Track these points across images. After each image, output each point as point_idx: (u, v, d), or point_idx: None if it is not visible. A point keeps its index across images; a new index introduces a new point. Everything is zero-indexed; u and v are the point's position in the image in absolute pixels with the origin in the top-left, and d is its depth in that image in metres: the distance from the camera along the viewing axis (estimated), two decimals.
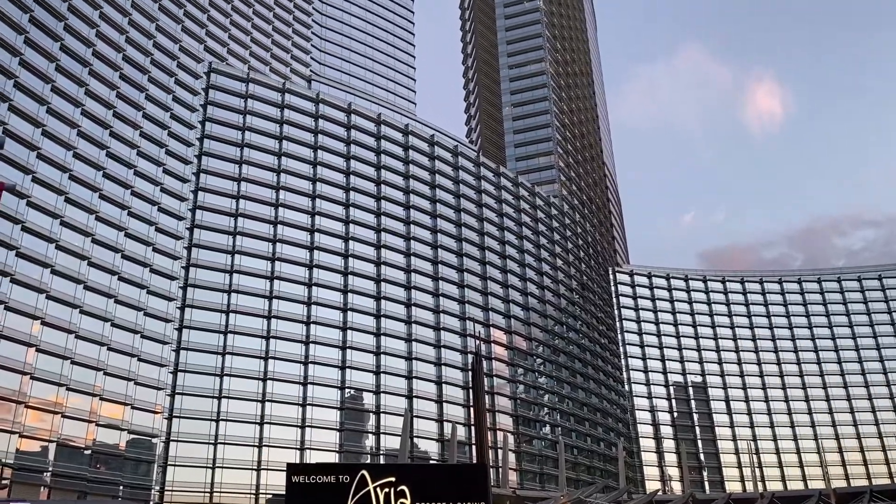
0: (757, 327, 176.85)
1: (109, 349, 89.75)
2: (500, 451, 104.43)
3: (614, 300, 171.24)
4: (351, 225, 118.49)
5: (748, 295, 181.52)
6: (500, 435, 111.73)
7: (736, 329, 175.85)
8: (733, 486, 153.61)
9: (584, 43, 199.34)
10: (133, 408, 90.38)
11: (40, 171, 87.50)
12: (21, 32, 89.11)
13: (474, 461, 77.57)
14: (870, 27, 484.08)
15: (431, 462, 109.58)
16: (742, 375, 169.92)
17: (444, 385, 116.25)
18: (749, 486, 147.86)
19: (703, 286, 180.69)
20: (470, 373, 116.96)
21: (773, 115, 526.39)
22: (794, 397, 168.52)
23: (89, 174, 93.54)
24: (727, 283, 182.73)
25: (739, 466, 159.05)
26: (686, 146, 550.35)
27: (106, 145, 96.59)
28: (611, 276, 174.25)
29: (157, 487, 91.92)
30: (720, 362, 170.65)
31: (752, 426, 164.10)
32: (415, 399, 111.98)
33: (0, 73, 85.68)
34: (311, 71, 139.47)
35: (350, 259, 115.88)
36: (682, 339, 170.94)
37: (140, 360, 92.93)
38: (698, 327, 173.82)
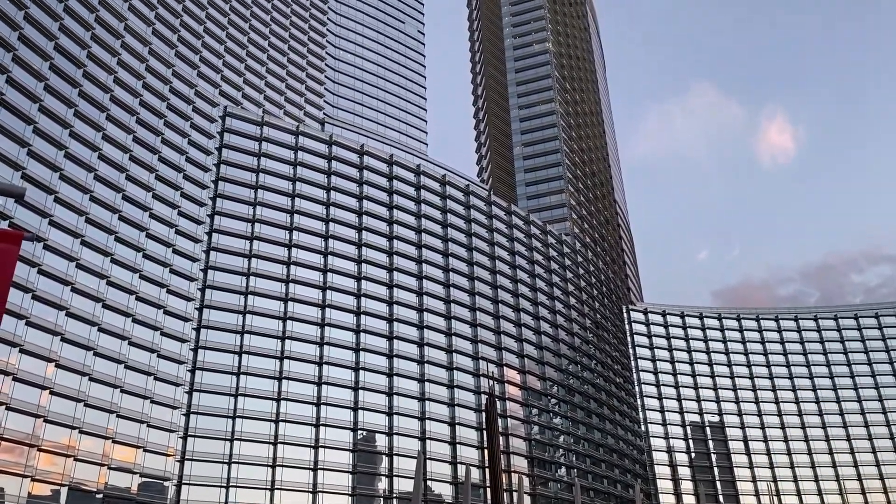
0: (774, 365, 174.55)
1: (123, 391, 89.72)
2: (514, 494, 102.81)
3: (629, 339, 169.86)
4: (364, 265, 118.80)
5: (764, 332, 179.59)
6: (514, 477, 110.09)
7: (752, 367, 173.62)
8: None
9: (594, 83, 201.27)
10: (145, 450, 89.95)
11: (57, 215, 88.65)
12: (41, 80, 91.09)
13: None
14: (881, 61, 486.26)
15: None
16: (760, 415, 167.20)
17: (457, 426, 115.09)
18: None
19: (719, 324, 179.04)
20: (484, 413, 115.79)
21: (785, 151, 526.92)
22: (813, 437, 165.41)
23: (105, 217, 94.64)
24: (742, 320, 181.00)
25: None
26: (699, 183, 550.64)
27: (122, 188, 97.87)
28: (625, 315, 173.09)
29: None
30: (737, 401, 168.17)
31: (771, 467, 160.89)
32: (428, 441, 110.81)
33: (19, 119, 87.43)
34: (324, 114, 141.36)
35: (363, 299, 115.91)
36: (698, 377, 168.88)
37: (153, 402, 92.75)
38: (714, 366, 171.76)
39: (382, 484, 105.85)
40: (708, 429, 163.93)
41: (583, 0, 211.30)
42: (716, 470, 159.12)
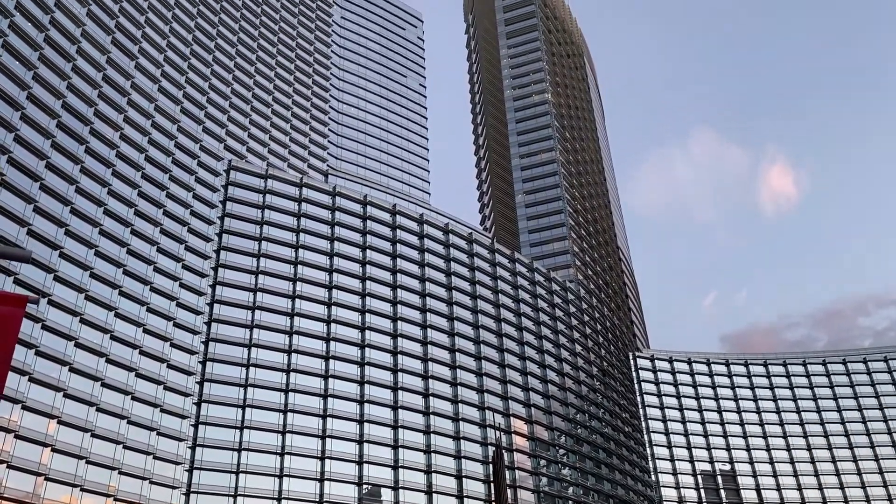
0: (784, 411, 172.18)
1: (125, 447, 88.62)
2: None
3: (636, 386, 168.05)
4: (367, 315, 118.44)
5: (772, 378, 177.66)
6: None
7: (762, 413, 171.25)
8: None
9: (593, 132, 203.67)
10: None
11: (62, 270, 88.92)
12: (48, 137, 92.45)
13: None
14: (879, 101, 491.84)
15: None
16: (772, 462, 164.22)
17: (464, 479, 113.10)
18: None
19: (726, 370, 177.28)
20: (491, 466, 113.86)
21: (787, 195, 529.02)
22: (827, 484, 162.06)
23: (110, 271, 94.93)
24: (750, 365, 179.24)
25: None
26: (702, 228, 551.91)
27: (127, 243, 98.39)
28: (631, 362, 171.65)
29: None
30: (748, 448, 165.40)
31: None
32: (435, 494, 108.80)
33: (26, 176, 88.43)
34: (327, 165, 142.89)
35: (367, 349, 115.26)
36: (707, 425, 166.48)
37: (155, 458, 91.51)
38: (723, 412, 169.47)
39: None
40: (719, 477, 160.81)
41: (580, 52, 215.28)
42: None
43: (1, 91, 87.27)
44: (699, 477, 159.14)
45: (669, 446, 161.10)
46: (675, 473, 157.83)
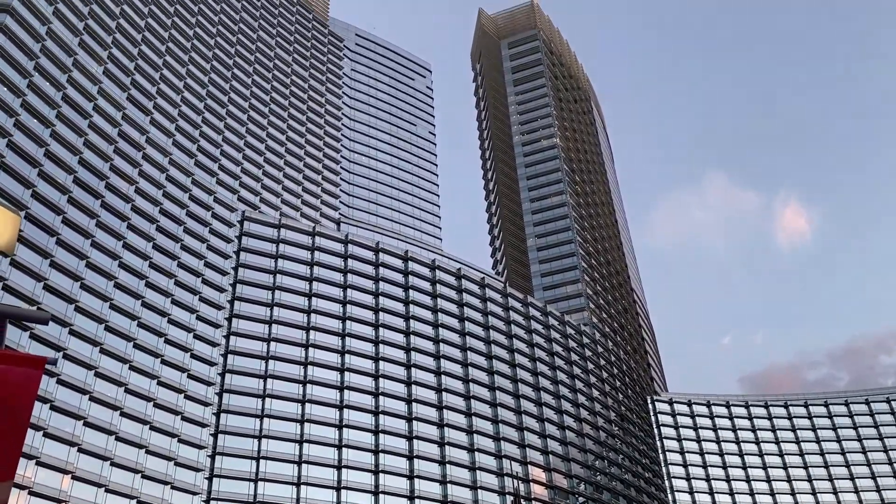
0: (807, 454, 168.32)
1: (139, 502, 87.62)
2: None
3: (655, 430, 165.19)
4: (381, 362, 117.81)
5: (794, 419, 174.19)
6: None
7: (785, 457, 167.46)
8: None
9: (603, 175, 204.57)
10: None
11: (77, 324, 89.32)
12: (64, 192, 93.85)
13: None
14: (890, 137, 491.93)
15: None
16: None
17: None
18: None
19: (747, 412, 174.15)
20: None
21: (802, 234, 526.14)
22: None
23: (124, 324, 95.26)
24: (771, 407, 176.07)
25: None
26: (717, 269, 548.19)
27: (141, 296, 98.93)
28: (650, 405, 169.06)
29: None
30: (772, 493, 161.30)
31: None
32: None
33: (43, 231, 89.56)
34: (339, 213, 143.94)
35: (381, 398, 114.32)
36: (729, 469, 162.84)
37: None
38: (745, 456, 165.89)
39: None
40: None
41: (587, 97, 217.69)
42: None
43: (19, 148, 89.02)
44: None
45: (691, 492, 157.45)
46: None
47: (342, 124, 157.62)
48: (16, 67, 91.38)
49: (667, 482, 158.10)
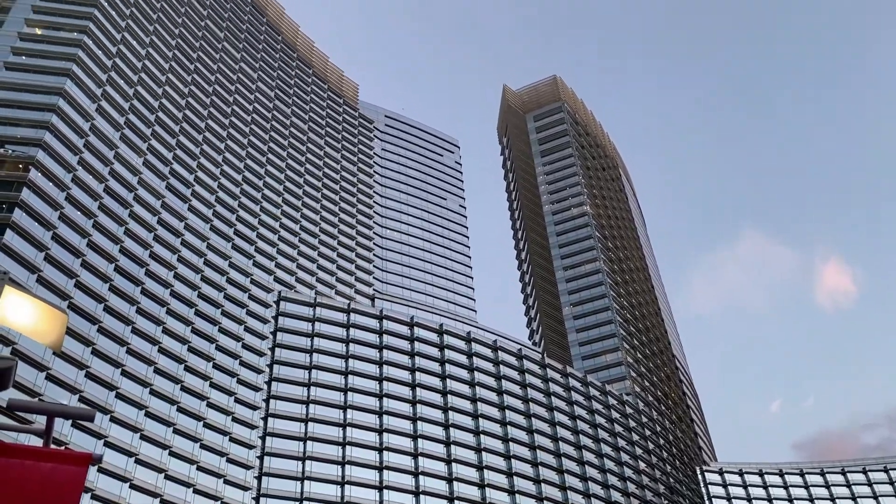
0: None
1: None
2: None
3: (706, 502, 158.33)
4: (420, 440, 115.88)
5: (853, 487, 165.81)
6: None
7: None
8: None
9: (636, 240, 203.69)
10: None
11: (118, 411, 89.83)
12: (106, 281, 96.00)
13: None
14: None
15: None
16: None
17: None
18: None
19: (802, 480, 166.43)
20: None
21: (845, 292, 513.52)
22: None
23: (164, 409, 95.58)
24: (827, 474, 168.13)
25: None
26: (760, 331, 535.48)
27: (181, 380, 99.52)
28: (699, 476, 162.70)
29: None
30: None
31: None
32: None
33: (85, 319, 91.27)
34: (373, 289, 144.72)
35: (420, 477, 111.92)
36: None
37: None
38: None
39: None
40: None
41: (615, 164, 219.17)
42: None
43: (63, 240, 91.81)
44: None
45: None
46: None
47: (374, 202, 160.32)
48: (60, 163, 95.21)
49: None
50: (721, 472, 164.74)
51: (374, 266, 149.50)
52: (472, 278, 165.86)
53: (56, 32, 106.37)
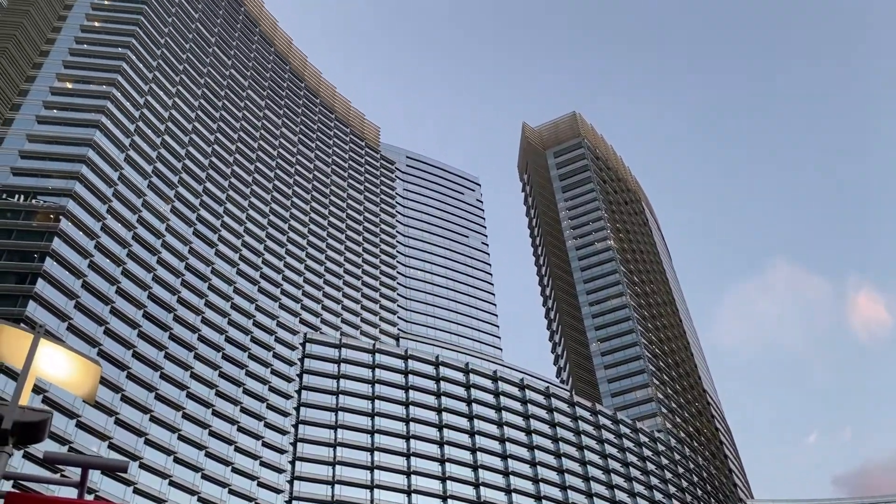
0: None
1: None
2: None
3: None
4: (448, 482, 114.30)
5: None
6: None
7: None
8: None
9: (661, 273, 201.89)
10: None
11: (147, 457, 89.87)
12: (134, 327, 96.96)
13: None
14: None
15: None
16: None
17: None
18: None
19: None
20: None
21: (880, 321, 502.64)
22: None
23: (192, 454, 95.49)
24: None
25: None
26: (792, 363, 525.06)
27: (208, 424, 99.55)
28: None
29: None
30: None
31: None
32: None
33: (114, 366, 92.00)
34: (398, 329, 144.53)
35: None
36: None
37: None
38: None
39: None
40: None
41: (637, 198, 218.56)
42: None
43: (93, 288, 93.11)
44: None
45: None
46: None
47: (397, 241, 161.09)
48: (90, 212, 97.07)
49: None
50: None
51: (398, 306, 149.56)
52: (496, 316, 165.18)
53: (86, 86, 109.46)
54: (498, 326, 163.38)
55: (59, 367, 10.55)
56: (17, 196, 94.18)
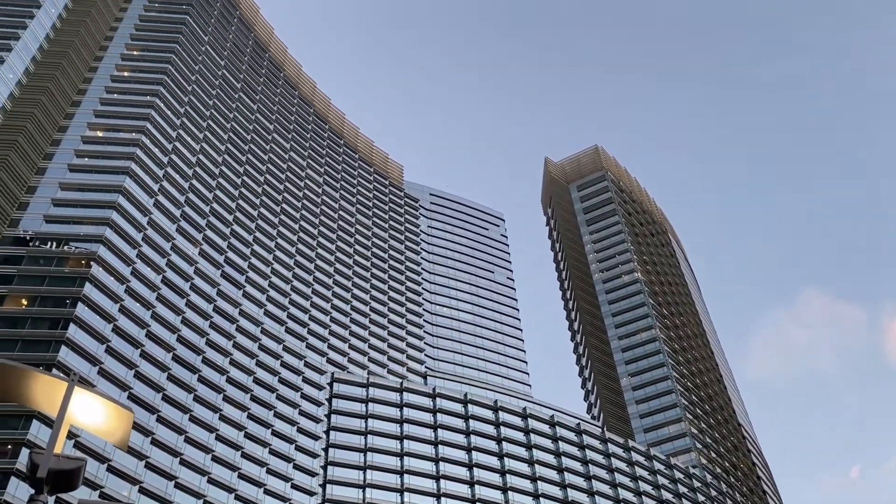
0: None
1: None
2: None
3: None
4: None
5: None
6: None
7: None
8: None
9: (691, 305, 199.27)
10: None
11: (177, 500, 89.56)
12: (164, 370, 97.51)
13: None
14: None
15: None
16: None
17: None
18: None
19: None
20: None
21: None
22: None
23: (221, 498, 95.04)
24: None
25: None
26: (829, 394, 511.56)
27: (237, 467, 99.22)
28: None
29: None
30: None
31: None
32: None
33: (145, 409, 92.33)
34: (426, 367, 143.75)
35: None
36: None
37: None
38: None
39: None
40: None
41: (664, 230, 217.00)
42: None
43: (123, 332, 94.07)
44: None
45: None
46: None
47: (422, 278, 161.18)
48: (120, 257, 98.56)
49: None
50: None
51: (425, 343, 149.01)
52: (524, 351, 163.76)
53: (116, 133, 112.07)
54: (526, 362, 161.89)
55: (93, 414, 10.55)
56: (49, 243, 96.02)
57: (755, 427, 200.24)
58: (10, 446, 77.29)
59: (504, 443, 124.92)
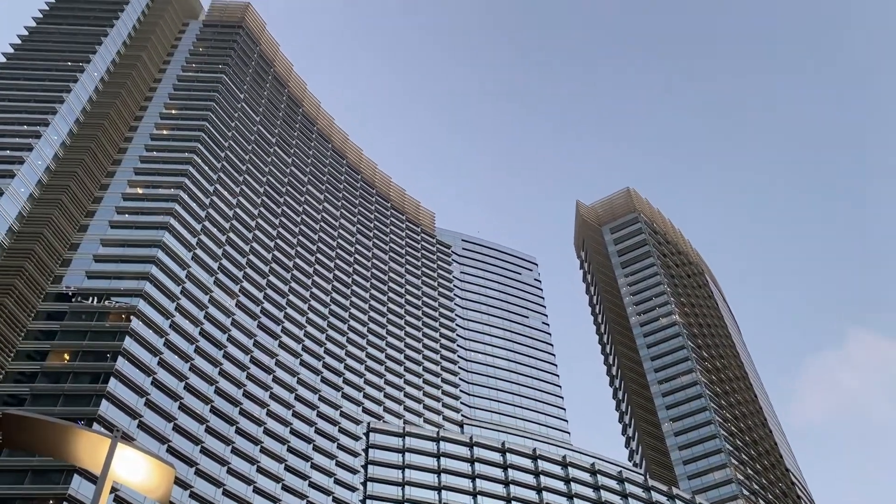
0: None
1: None
2: None
3: None
4: None
5: None
6: None
7: None
8: None
9: (732, 347, 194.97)
10: None
11: None
12: (202, 422, 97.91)
13: None
14: None
15: None
16: None
17: None
18: None
19: None
20: None
21: None
22: None
23: None
24: None
25: None
26: (883, 437, 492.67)
27: None
28: None
29: None
30: None
31: None
32: None
33: (183, 462, 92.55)
34: (462, 415, 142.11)
35: None
36: None
37: None
38: None
39: None
40: None
41: (700, 271, 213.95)
42: None
43: (162, 385, 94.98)
44: None
45: None
46: None
47: (456, 325, 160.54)
48: (159, 310, 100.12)
49: None
50: None
51: (460, 391, 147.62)
52: (562, 398, 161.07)
53: (155, 190, 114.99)
54: (564, 409, 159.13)
55: (137, 471, 10.63)
56: (91, 298, 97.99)
57: (804, 472, 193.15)
58: (51, 501, 77.79)
59: (544, 492, 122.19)
